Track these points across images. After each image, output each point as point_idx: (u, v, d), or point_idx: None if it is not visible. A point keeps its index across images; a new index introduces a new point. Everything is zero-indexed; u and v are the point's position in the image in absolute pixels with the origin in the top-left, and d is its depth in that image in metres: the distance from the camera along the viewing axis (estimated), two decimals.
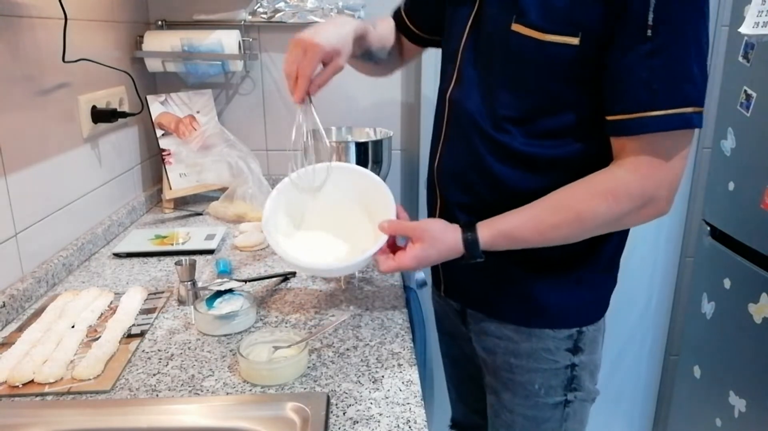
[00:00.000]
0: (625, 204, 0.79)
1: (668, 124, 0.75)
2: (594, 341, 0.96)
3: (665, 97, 0.74)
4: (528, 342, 0.93)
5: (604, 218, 0.80)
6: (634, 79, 0.75)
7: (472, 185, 0.92)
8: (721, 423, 1.53)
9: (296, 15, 1.66)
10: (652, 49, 0.73)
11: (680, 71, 0.74)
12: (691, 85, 0.74)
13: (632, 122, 0.76)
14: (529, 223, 0.83)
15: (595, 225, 0.82)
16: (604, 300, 0.97)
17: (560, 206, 0.82)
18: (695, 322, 1.68)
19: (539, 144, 0.85)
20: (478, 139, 0.89)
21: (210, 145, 1.63)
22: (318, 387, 0.80)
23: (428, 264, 0.88)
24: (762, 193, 1.36)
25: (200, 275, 1.17)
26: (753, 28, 1.35)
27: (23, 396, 0.78)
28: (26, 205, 1.09)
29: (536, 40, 0.79)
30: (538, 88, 0.82)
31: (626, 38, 0.74)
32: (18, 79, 1.07)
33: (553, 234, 0.83)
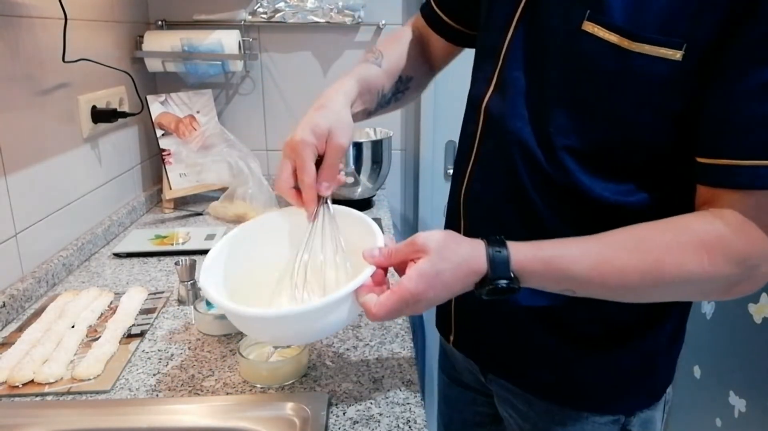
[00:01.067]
0: (721, 268, 0.58)
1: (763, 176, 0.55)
2: (650, 421, 0.77)
3: None
4: (562, 425, 0.75)
5: (689, 278, 0.59)
6: (751, 113, 0.55)
7: (506, 222, 0.72)
8: (721, 423, 1.53)
9: (296, 15, 1.66)
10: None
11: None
12: None
13: (743, 171, 0.56)
14: (586, 257, 0.60)
15: (672, 286, 0.60)
16: (665, 377, 0.79)
17: (636, 247, 0.60)
18: (695, 322, 1.68)
19: (602, 186, 0.65)
20: (522, 166, 0.68)
21: (210, 145, 1.63)
22: (318, 387, 0.80)
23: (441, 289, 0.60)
24: None
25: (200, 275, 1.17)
26: None
27: (23, 396, 0.78)
28: (26, 205, 1.09)
29: (618, 48, 0.58)
30: (613, 114, 0.62)
31: (746, 56, 0.54)
32: (18, 79, 1.07)
33: (615, 280, 0.60)
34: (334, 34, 1.72)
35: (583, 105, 0.64)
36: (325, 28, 1.70)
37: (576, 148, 0.65)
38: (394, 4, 1.70)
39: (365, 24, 1.70)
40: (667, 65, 0.57)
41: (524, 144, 0.68)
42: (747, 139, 0.56)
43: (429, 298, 0.60)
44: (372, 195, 1.66)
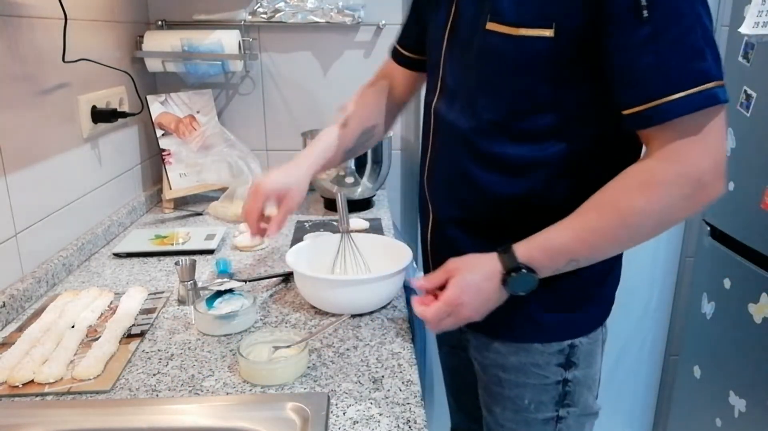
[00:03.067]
0: (664, 194, 0.72)
1: (692, 104, 0.68)
2: (590, 354, 0.90)
3: (680, 78, 0.68)
4: (515, 355, 0.89)
5: (648, 213, 0.73)
6: (641, 65, 0.69)
7: (461, 198, 0.88)
8: (721, 423, 1.53)
9: (296, 15, 1.66)
10: (652, 32, 0.68)
11: (688, 49, 0.68)
12: (702, 59, 0.68)
13: (652, 111, 0.70)
14: (568, 231, 0.76)
15: (642, 223, 0.74)
16: (601, 308, 0.91)
17: (598, 206, 0.75)
18: (695, 322, 1.68)
19: (521, 146, 0.81)
20: (461, 147, 0.86)
21: (210, 145, 1.63)
22: (318, 387, 0.80)
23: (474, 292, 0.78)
24: (762, 193, 1.36)
25: (200, 275, 1.17)
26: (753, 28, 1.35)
27: (23, 396, 0.78)
28: (26, 205, 1.09)
29: (511, 36, 0.76)
30: (516, 87, 0.78)
31: (620, 25, 0.69)
32: (18, 78, 1.07)
33: (598, 240, 0.75)
34: (334, 34, 1.72)
35: (496, 85, 0.80)
36: (325, 28, 1.70)
37: (495, 119, 0.81)
38: (394, 4, 1.70)
39: (365, 24, 1.70)
40: (544, 42, 0.74)
41: (459, 128, 0.85)
42: (644, 86, 0.70)
43: (465, 301, 0.78)
44: (372, 195, 1.66)
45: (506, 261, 0.77)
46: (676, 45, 0.68)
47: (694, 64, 0.68)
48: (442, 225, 0.92)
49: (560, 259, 0.77)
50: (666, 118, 0.69)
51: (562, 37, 0.73)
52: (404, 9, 1.70)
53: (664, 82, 0.69)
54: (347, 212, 1.08)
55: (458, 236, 0.90)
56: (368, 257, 1.09)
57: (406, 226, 1.93)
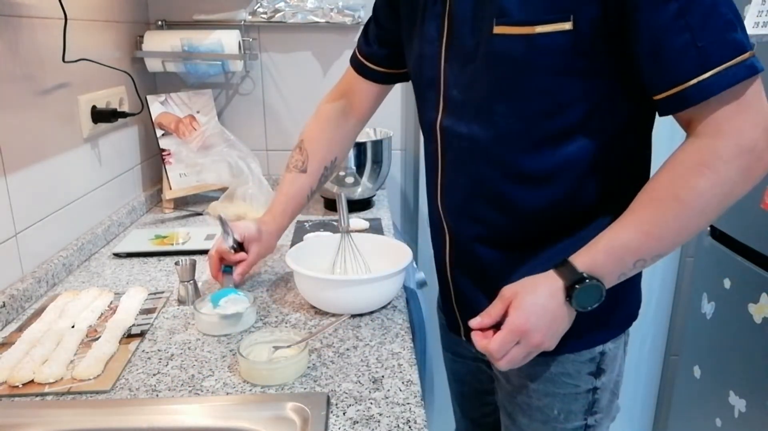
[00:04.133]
0: (723, 170, 0.68)
1: (732, 77, 0.65)
2: (615, 358, 0.87)
3: (717, 52, 0.65)
4: (545, 365, 0.85)
5: (711, 193, 0.69)
6: (675, 44, 0.66)
7: (483, 213, 0.83)
8: (721, 423, 1.53)
9: (296, 15, 1.66)
10: (680, 8, 0.65)
11: (719, 22, 0.65)
12: (733, 30, 0.66)
13: (692, 90, 0.67)
14: (630, 229, 0.71)
15: (705, 205, 0.70)
16: (630, 309, 0.88)
17: (655, 198, 0.71)
18: (695, 322, 1.68)
19: (545, 150, 0.77)
20: (479, 160, 0.81)
21: (210, 145, 1.63)
22: (318, 387, 0.80)
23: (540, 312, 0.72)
24: (762, 193, 1.36)
25: (200, 275, 1.17)
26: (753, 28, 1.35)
27: (23, 396, 0.78)
28: (26, 205, 1.09)
29: (524, 36, 0.71)
30: (538, 88, 0.74)
31: (645, 5, 0.66)
32: (18, 78, 1.07)
33: (665, 232, 0.70)
34: (334, 34, 1.72)
35: (514, 90, 0.76)
36: (325, 28, 1.70)
37: (518, 127, 0.77)
38: None
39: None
40: (564, 36, 0.70)
41: (477, 141, 0.80)
42: (681, 66, 0.67)
43: (533, 325, 0.72)
44: (372, 195, 1.66)
45: (566, 275, 0.72)
46: (707, 18, 0.65)
47: (728, 35, 0.65)
48: (464, 245, 0.88)
49: (628, 259, 0.72)
50: (708, 95, 0.66)
51: (581, 29, 0.69)
52: None
53: (702, 57, 0.66)
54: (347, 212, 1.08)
55: (485, 253, 0.85)
56: (368, 257, 1.09)
57: (406, 226, 1.93)
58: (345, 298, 0.98)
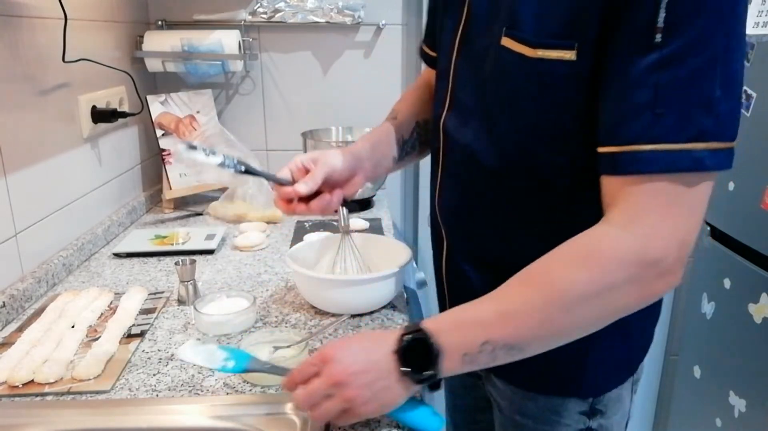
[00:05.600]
0: (614, 272, 0.58)
1: (671, 163, 0.56)
2: (619, 399, 0.79)
3: (672, 127, 0.55)
4: (534, 401, 0.79)
5: (587, 293, 0.58)
6: (634, 99, 0.57)
7: (475, 230, 0.77)
8: (721, 423, 1.53)
9: (296, 15, 1.66)
10: (661, 60, 0.55)
11: (696, 92, 0.55)
12: (707, 111, 0.55)
13: (625, 156, 0.57)
14: (486, 304, 0.62)
15: (576, 304, 0.59)
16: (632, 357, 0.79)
17: (525, 281, 0.62)
18: (695, 322, 1.68)
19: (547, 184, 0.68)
20: (477, 175, 0.74)
21: (210, 145, 1.63)
22: None
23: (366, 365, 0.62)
24: (762, 193, 1.36)
25: (200, 275, 1.17)
26: (753, 28, 1.35)
27: (23, 396, 0.78)
28: (26, 205, 1.09)
29: (526, 57, 0.63)
30: (535, 115, 0.66)
31: (628, 44, 0.57)
32: (18, 79, 1.07)
33: (519, 316, 0.60)
34: (334, 34, 1.72)
35: (515, 110, 0.68)
36: (325, 28, 1.70)
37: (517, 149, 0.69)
38: (394, 4, 1.70)
39: (365, 24, 1.70)
40: (565, 65, 0.61)
41: (474, 153, 0.74)
42: (626, 125, 0.58)
43: (351, 375, 0.61)
44: (372, 195, 1.66)
45: (402, 330, 0.63)
46: (681, 86, 0.55)
47: (693, 115, 0.55)
48: (455, 256, 0.82)
49: (474, 337, 0.61)
50: (637, 169, 0.57)
51: (584, 59, 0.61)
52: (404, 9, 1.70)
53: (651, 125, 0.56)
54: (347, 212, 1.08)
55: (469, 270, 0.79)
56: (368, 257, 1.09)
57: (406, 226, 1.93)
58: (345, 298, 0.98)
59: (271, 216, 1.50)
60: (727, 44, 0.55)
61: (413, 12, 1.70)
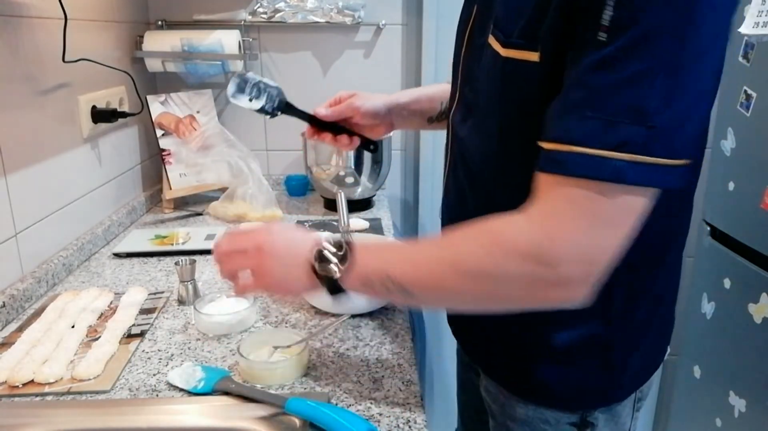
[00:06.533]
0: (511, 261, 0.57)
1: (589, 169, 0.53)
2: (615, 415, 0.76)
3: (596, 131, 0.52)
4: (524, 408, 0.78)
5: (482, 269, 0.59)
6: (569, 97, 0.55)
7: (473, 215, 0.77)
8: (721, 423, 1.53)
9: (296, 15, 1.66)
10: (600, 60, 0.52)
11: (628, 100, 0.51)
12: (637, 121, 0.51)
13: (549, 154, 0.56)
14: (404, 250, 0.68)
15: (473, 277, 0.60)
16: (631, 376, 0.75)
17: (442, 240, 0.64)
18: (695, 322, 1.68)
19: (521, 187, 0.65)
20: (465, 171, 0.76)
21: (210, 145, 1.63)
22: (318, 387, 0.80)
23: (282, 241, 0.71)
24: (762, 193, 1.36)
25: (200, 275, 1.17)
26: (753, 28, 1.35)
27: (23, 396, 0.78)
28: (26, 205, 1.09)
29: (499, 56, 0.62)
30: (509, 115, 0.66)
31: (578, 43, 0.54)
32: (18, 79, 1.07)
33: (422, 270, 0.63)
34: (334, 34, 1.72)
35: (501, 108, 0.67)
36: (325, 28, 1.70)
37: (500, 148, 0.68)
38: (394, 4, 1.70)
39: (365, 24, 1.70)
40: (530, 67, 0.60)
41: (468, 150, 0.74)
42: (558, 123, 0.56)
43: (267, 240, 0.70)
44: (372, 195, 1.66)
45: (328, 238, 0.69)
46: (614, 90, 0.52)
47: (618, 123, 0.52)
48: None
49: (379, 264, 0.65)
50: (553, 169, 0.56)
51: (547, 64, 0.59)
52: (404, 9, 1.70)
53: (577, 126, 0.54)
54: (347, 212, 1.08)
55: None
56: None
57: (406, 226, 1.93)
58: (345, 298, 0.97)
59: (271, 216, 1.50)
60: (679, 53, 0.50)
61: (413, 12, 1.70)
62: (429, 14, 1.67)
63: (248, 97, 0.88)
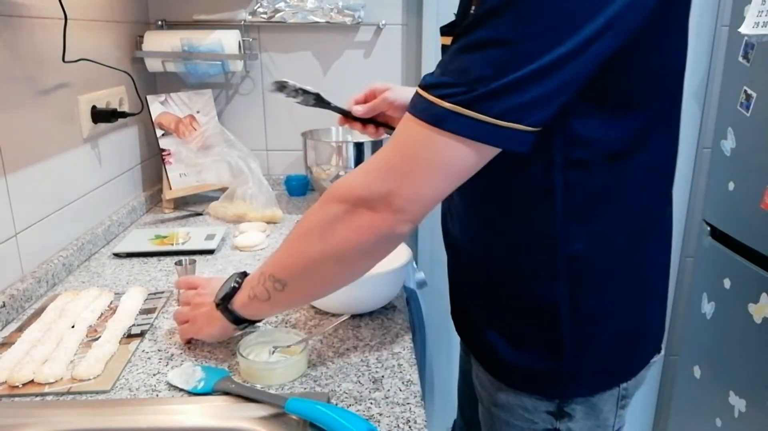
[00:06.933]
0: (332, 205, 0.66)
1: (414, 106, 0.61)
2: (593, 407, 0.77)
3: (432, 76, 0.61)
4: (504, 393, 0.80)
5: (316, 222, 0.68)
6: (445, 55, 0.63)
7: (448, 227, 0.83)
8: (721, 423, 1.53)
9: (296, 15, 1.66)
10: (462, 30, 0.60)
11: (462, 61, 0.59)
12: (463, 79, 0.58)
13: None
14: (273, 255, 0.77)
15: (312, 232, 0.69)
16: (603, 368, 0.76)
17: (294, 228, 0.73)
18: (695, 322, 1.68)
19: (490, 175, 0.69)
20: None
21: (210, 145, 1.63)
22: (318, 387, 0.80)
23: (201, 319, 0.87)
24: (762, 193, 1.36)
25: (200, 275, 1.17)
26: (753, 28, 1.35)
27: (23, 396, 0.78)
28: (26, 205, 1.09)
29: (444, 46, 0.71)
30: None
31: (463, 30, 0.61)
32: (18, 79, 1.07)
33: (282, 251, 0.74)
34: (334, 34, 1.72)
35: None
36: (325, 28, 1.70)
37: None
38: (394, 4, 1.70)
39: (365, 24, 1.70)
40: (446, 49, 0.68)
41: None
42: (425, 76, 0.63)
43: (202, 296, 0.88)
44: None
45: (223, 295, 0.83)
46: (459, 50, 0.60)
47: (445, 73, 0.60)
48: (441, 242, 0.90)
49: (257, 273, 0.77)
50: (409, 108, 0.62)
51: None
52: (404, 9, 1.70)
53: (429, 75, 0.62)
54: None
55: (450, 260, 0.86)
56: None
57: None
58: (345, 298, 0.98)
59: (271, 216, 1.50)
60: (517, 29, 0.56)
61: (413, 12, 1.70)
62: (429, 14, 1.67)
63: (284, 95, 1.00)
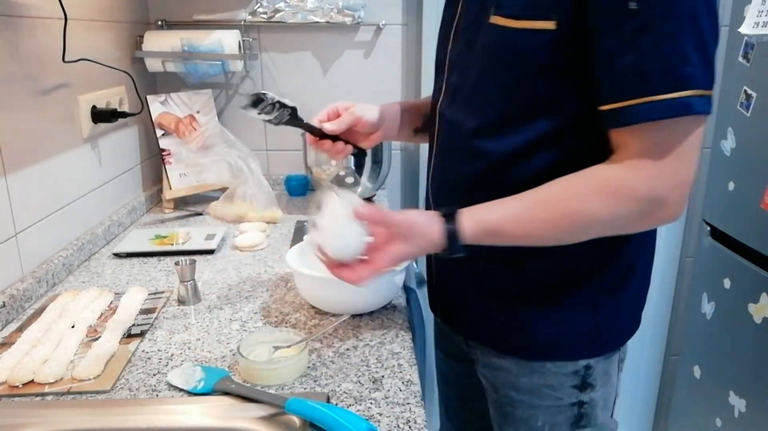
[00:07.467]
0: (628, 206, 0.70)
1: (664, 110, 0.66)
2: (606, 375, 0.86)
3: (658, 80, 0.65)
4: (528, 377, 0.85)
5: (602, 220, 0.72)
6: (621, 62, 0.67)
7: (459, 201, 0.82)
8: (721, 423, 1.53)
9: (296, 15, 1.66)
10: (638, 27, 0.65)
11: (673, 51, 0.65)
12: (687, 66, 0.65)
13: (623, 111, 0.68)
14: (513, 218, 0.74)
15: (590, 227, 0.73)
16: (617, 326, 0.86)
17: (552, 201, 0.73)
18: (695, 322, 1.68)
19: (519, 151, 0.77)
20: (458, 148, 0.84)
21: (210, 145, 1.63)
22: (318, 387, 0.80)
23: (403, 261, 0.81)
24: (762, 193, 1.36)
25: (200, 275, 1.17)
26: (753, 28, 1.35)
27: (23, 396, 0.78)
28: (26, 205, 1.09)
29: (512, 29, 0.73)
30: (515, 83, 0.76)
31: (608, 16, 0.66)
32: (18, 79, 1.07)
33: (539, 232, 0.74)
34: (334, 34, 1.72)
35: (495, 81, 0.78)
36: (325, 28, 1.70)
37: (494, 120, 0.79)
38: (394, 4, 1.70)
39: (365, 24, 1.70)
40: (546, 35, 0.71)
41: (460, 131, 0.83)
42: (621, 84, 0.68)
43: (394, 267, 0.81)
44: (372, 195, 1.66)
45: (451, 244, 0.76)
46: (659, 45, 0.65)
47: (674, 68, 0.65)
48: None
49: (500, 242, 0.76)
50: (636, 120, 0.67)
51: (563, 31, 0.70)
52: (404, 9, 1.71)
53: (640, 82, 0.66)
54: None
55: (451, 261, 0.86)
56: None
57: None
58: (345, 298, 0.98)
59: (271, 216, 1.50)
60: (694, 8, 0.64)
61: (413, 12, 1.71)
62: (429, 14, 1.67)
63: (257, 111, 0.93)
